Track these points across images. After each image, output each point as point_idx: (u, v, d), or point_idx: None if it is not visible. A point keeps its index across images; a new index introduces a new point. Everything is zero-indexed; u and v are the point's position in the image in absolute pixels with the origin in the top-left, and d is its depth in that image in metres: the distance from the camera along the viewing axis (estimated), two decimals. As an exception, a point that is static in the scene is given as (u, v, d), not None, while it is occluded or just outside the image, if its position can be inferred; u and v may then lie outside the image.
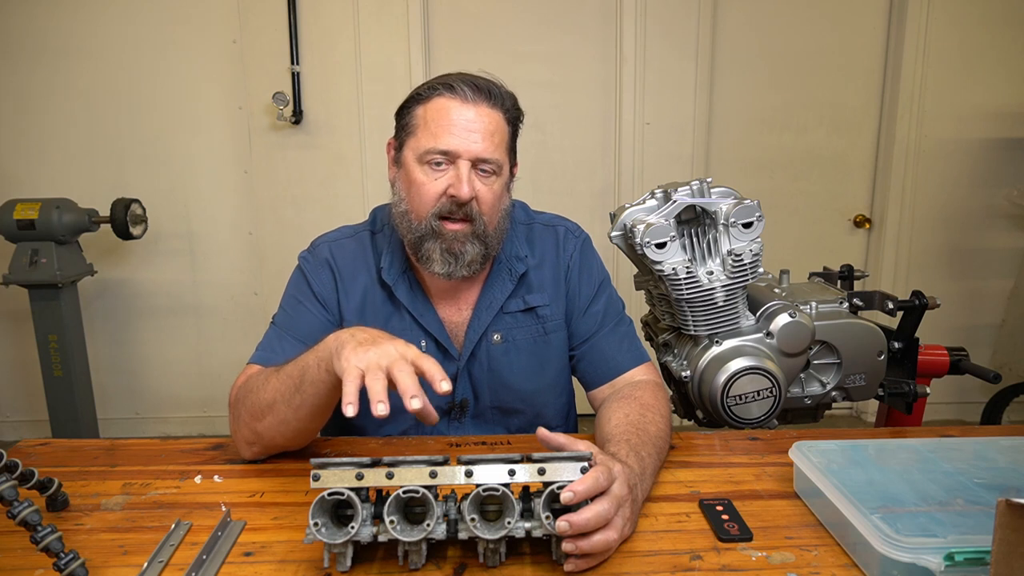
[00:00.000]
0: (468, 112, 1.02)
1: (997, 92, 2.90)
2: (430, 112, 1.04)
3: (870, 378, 1.35)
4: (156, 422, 3.13)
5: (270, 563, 0.77)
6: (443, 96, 1.03)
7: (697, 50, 2.87)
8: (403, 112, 1.09)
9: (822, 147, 3.00)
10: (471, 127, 1.02)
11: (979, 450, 0.92)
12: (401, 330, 1.13)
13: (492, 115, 1.04)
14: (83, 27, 2.76)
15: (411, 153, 1.05)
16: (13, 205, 2.42)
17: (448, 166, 1.03)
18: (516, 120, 1.11)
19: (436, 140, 1.02)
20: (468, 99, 1.03)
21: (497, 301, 1.15)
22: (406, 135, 1.07)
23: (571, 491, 0.72)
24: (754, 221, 1.21)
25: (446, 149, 1.01)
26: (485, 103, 1.04)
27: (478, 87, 1.04)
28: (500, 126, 1.06)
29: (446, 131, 1.01)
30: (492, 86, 1.06)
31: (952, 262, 3.07)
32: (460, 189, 1.01)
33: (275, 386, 0.93)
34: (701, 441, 1.12)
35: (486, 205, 1.05)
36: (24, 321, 2.70)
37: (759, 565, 0.76)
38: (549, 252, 1.20)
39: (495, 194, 1.07)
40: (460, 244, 1.05)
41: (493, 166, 1.05)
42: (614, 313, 1.21)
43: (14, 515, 0.70)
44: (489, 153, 1.03)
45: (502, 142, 1.06)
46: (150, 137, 2.86)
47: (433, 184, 1.03)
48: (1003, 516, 0.57)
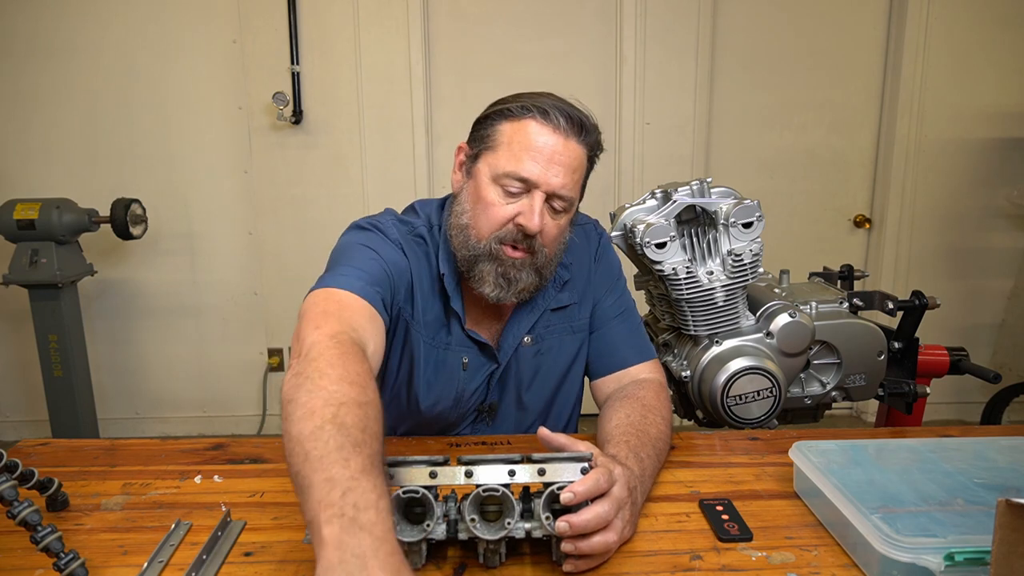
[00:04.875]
0: (557, 143, 0.98)
1: (997, 92, 2.90)
2: (518, 133, 0.98)
3: (870, 378, 1.35)
4: (156, 422, 3.13)
5: (270, 563, 0.77)
6: (535, 120, 0.98)
7: (697, 50, 2.86)
8: (485, 123, 1.03)
9: (822, 147, 3.00)
10: (555, 160, 0.97)
11: (979, 450, 0.92)
12: (446, 343, 1.09)
13: (578, 151, 1.00)
14: (83, 27, 2.76)
15: (487, 168, 1.00)
16: (13, 205, 2.41)
17: (522, 194, 0.99)
18: (595, 158, 1.06)
19: (518, 165, 0.97)
20: (559, 129, 0.98)
21: (538, 309, 1.13)
22: (485, 148, 1.02)
23: (571, 492, 0.71)
24: (754, 221, 1.21)
25: (526, 177, 0.97)
26: (575, 138, 0.99)
27: (571, 118, 0.99)
28: (582, 163, 1.01)
29: (530, 158, 0.97)
30: (585, 119, 1.01)
31: (952, 262, 3.07)
32: (531, 220, 0.97)
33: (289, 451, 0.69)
34: (701, 441, 1.12)
35: (549, 239, 1.02)
36: (24, 321, 2.70)
37: (759, 565, 0.76)
38: (581, 252, 1.19)
39: (561, 229, 1.03)
40: (516, 271, 1.01)
41: (566, 203, 1.01)
42: (626, 308, 1.20)
43: (14, 515, 0.70)
44: (567, 190, 0.99)
45: (580, 179, 1.03)
46: (150, 137, 2.86)
47: (503, 208, 0.99)
48: (1003, 516, 0.57)
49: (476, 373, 1.12)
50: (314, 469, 0.64)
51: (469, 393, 1.13)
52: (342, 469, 0.63)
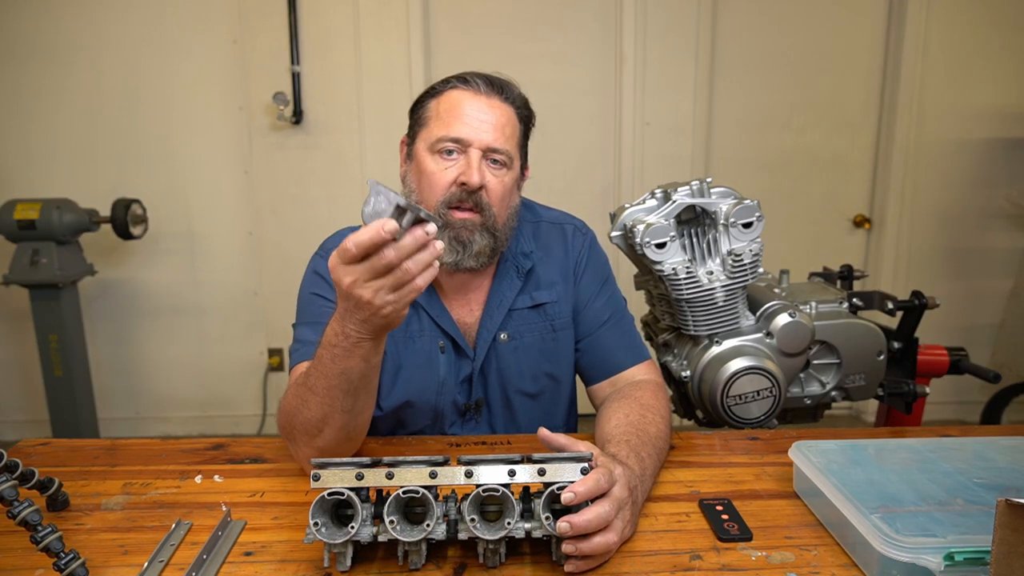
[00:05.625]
0: (481, 103, 1.05)
1: (997, 92, 2.90)
2: (443, 104, 1.06)
3: (870, 378, 1.35)
4: (156, 422, 3.13)
5: (270, 563, 0.77)
6: (457, 88, 1.07)
7: (697, 50, 2.87)
8: (416, 107, 1.11)
9: (822, 147, 3.00)
10: (483, 117, 1.04)
11: (979, 450, 0.92)
12: (420, 331, 1.13)
13: (504, 109, 1.07)
14: (83, 27, 2.76)
15: (423, 144, 1.07)
16: (13, 205, 2.42)
17: (459, 155, 1.05)
18: (527, 120, 1.13)
19: (448, 128, 1.04)
20: (481, 91, 1.06)
21: (507, 299, 1.15)
22: (419, 128, 1.09)
23: (572, 492, 0.72)
24: (754, 221, 1.21)
25: (458, 136, 1.03)
26: (498, 97, 1.07)
27: (492, 82, 1.07)
28: (512, 120, 1.08)
29: (458, 120, 1.04)
30: (505, 84, 1.09)
31: (952, 262, 3.07)
32: (471, 176, 1.02)
33: (319, 402, 0.87)
34: (701, 441, 1.12)
35: (495, 196, 1.06)
36: (24, 321, 2.70)
37: (759, 565, 0.76)
38: (557, 249, 1.20)
39: (505, 186, 1.07)
40: (468, 233, 1.05)
41: (504, 157, 1.06)
42: (617, 310, 1.21)
43: (14, 515, 0.70)
44: (500, 143, 1.05)
45: (512, 136, 1.08)
46: (150, 137, 2.86)
47: (444, 173, 1.04)
48: (1003, 516, 0.57)
49: (455, 365, 1.15)
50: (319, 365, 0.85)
51: (451, 384, 1.14)
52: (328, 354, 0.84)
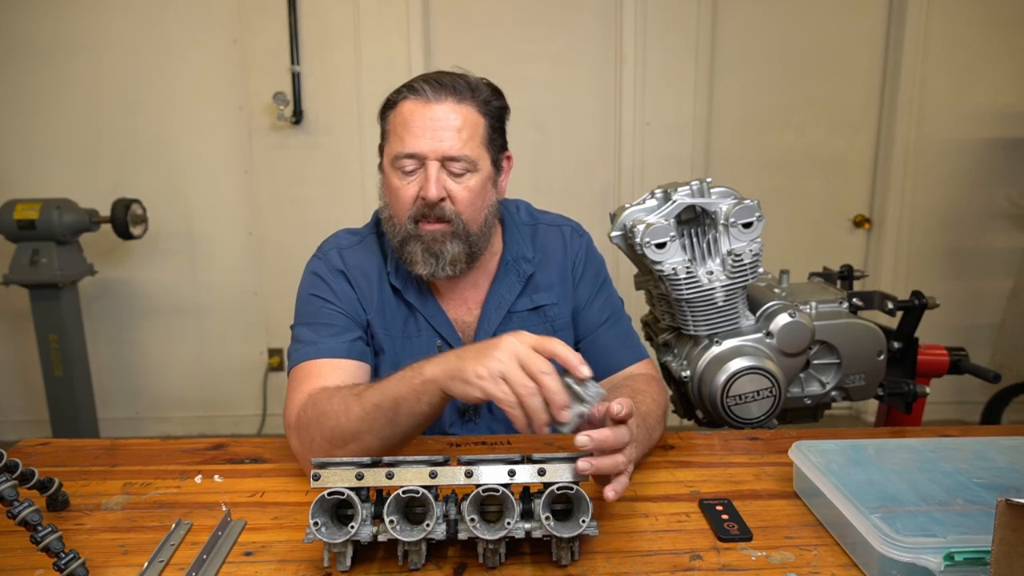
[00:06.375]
0: (432, 111, 1.01)
1: (997, 92, 2.90)
2: (397, 116, 1.04)
3: (870, 378, 1.35)
4: (156, 422, 3.13)
5: (270, 563, 0.77)
6: (408, 99, 1.03)
7: (697, 50, 2.87)
8: (380, 119, 1.10)
9: (822, 147, 3.00)
10: (435, 126, 1.00)
11: (979, 450, 0.92)
12: (416, 332, 1.13)
13: (459, 110, 1.02)
14: (83, 27, 2.76)
15: (387, 159, 1.06)
16: (13, 205, 2.42)
17: (418, 169, 1.03)
18: (497, 111, 1.08)
19: (403, 144, 1.01)
20: (431, 98, 1.01)
21: (506, 301, 1.15)
22: (383, 143, 1.09)
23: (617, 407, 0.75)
24: (754, 221, 1.21)
25: (412, 151, 1.01)
26: (451, 98, 1.02)
27: (441, 84, 1.02)
28: (470, 120, 1.03)
29: (411, 133, 1.01)
30: (457, 81, 1.03)
31: (952, 262, 3.07)
32: (428, 190, 1.01)
33: (360, 416, 0.88)
34: (701, 441, 1.12)
35: (462, 204, 1.04)
36: (24, 321, 2.70)
37: (759, 565, 0.76)
38: (556, 252, 1.20)
39: (472, 191, 1.04)
40: (439, 244, 1.05)
41: (464, 163, 1.03)
42: (615, 310, 1.22)
43: (14, 515, 0.70)
44: (457, 150, 1.01)
45: (474, 137, 1.03)
46: (150, 137, 2.86)
47: (406, 188, 1.03)
48: (1003, 516, 0.57)
49: None
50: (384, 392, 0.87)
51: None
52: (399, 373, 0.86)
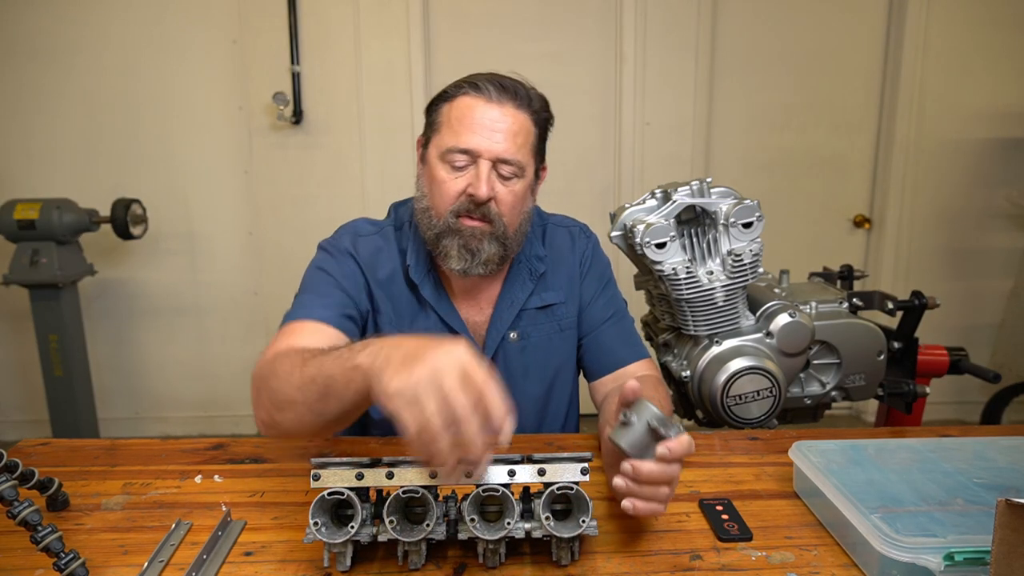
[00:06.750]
0: (492, 111, 1.02)
1: (997, 92, 2.90)
2: (455, 110, 1.04)
3: (870, 378, 1.35)
4: (156, 422, 3.13)
5: (270, 563, 0.77)
6: (468, 95, 1.03)
7: (697, 50, 2.86)
8: (431, 109, 1.09)
9: (822, 147, 3.00)
10: (494, 127, 1.01)
11: (979, 450, 0.92)
12: (426, 329, 1.13)
13: (517, 116, 1.04)
14: (83, 27, 2.76)
15: (435, 150, 1.05)
16: (13, 205, 2.41)
17: (469, 165, 1.03)
18: (545, 122, 1.10)
19: (458, 138, 1.02)
20: (493, 98, 1.02)
21: (518, 300, 1.15)
22: (432, 132, 1.07)
23: (667, 448, 0.74)
24: (754, 221, 1.21)
25: (467, 148, 1.01)
26: (511, 103, 1.03)
27: (504, 87, 1.03)
28: (525, 127, 1.05)
29: (468, 129, 1.01)
30: (519, 87, 1.05)
31: (952, 262, 3.07)
32: (479, 188, 1.01)
33: (298, 385, 0.83)
34: (701, 441, 1.12)
35: (505, 207, 1.05)
36: (24, 321, 2.70)
37: (759, 565, 0.76)
38: (565, 251, 1.21)
39: (516, 196, 1.06)
40: (477, 241, 1.04)
41: (514, 168, 1.04)
42: (618, 310, 1.23)
43: (14, 515, 0.70)
44: (511, 154, 1.02)
45: (526, 143, 1.05)
46: (150, 137, 2.86)
47: (453, 182, 1.03)
48: (1003, 516, 0.57)
49: None
50: (320, 366, 0.78)
51: None
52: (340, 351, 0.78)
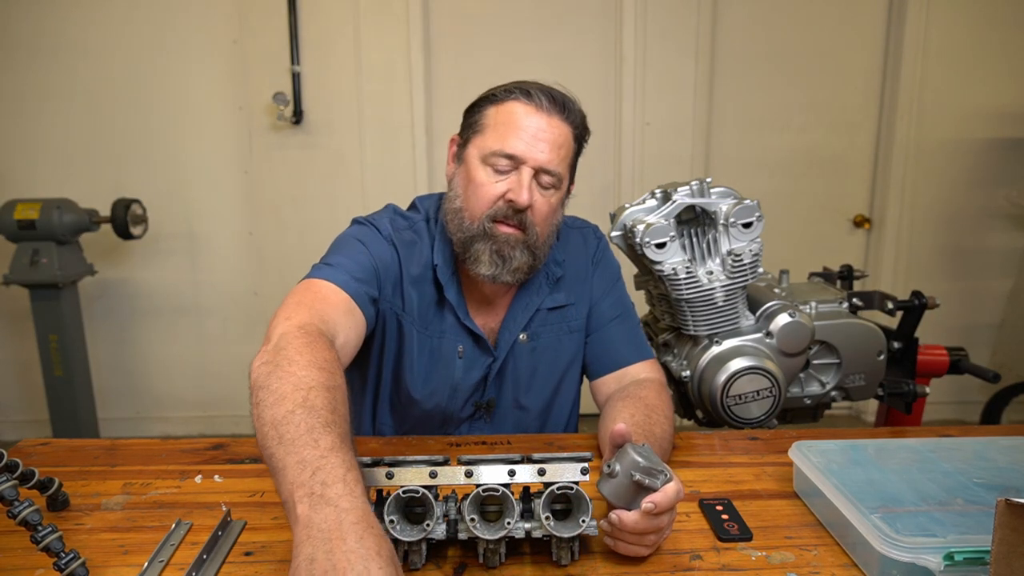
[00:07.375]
0: (540, 120, 1.02)
1: (997, 92, 2.90)
2: (502, 114, 1.03)
3: (870, 378, 1.35)
4: (157, 422, 3.13)
5: (270, 563, 0.77)
6: (518, 101, 1.03)
7: (697, 50, 2.86)
8: (473, 110, 1.08)
9: (822, 147, 3.00)
10: (540, 136, 1.01)
11: (979, 450, 0.92)
12: (441, 333, 1.12)
13: (563, 129, 1.04)
14: (83, 27, 2.76)
15: (475, 151, 1.05)
16: (14, 205, 2.42)
17: (511, 171, 1.02)
18: (582, 139, 1.10)
19: (504, 143, 1.01)
20: (543, 108, 1.02)
21: (533, 304, 1.15)
22: (473, 133, 1.06)
23: (652, 503, 0.72)
24: (754, 221, 1.21)
25: (512, 153, 1.01)
26: (559, 115, 1.03)
27: (554, 98, 1.03)
28: (568, 141, 1.05)
29: (515, 135, 1.01)
30: (568, 100, 1.05)
31: (952, 262, 3.07)
32: (520, 195, 1.00)
33: (260, 432, 0.71)
34: (701, 441, 1.12)
35: (540, 216, 1.05)
36: (24, 321, 2.70)
37: (759, 565, 0.76)
38: (578, 253, 1.21)
39: (551, 207, 1.06)
40: (511, 248, 1.04)
41: (554, 179, 1.04)
42: (625, 309, 1.22)
43: (14, 515, 0.70)
44: (554, 165, 1.02)
45: (567, 157, 1.06)
46: (150, 137, 2.86)
47: (493, 187, 1.02)
48: (1003, 516, 0.57)
49: (473, 365, 1.14)
50: (287, 452, 0.66)
51: (466, 386, 1.14)
52: (312, 450, 0.65)
